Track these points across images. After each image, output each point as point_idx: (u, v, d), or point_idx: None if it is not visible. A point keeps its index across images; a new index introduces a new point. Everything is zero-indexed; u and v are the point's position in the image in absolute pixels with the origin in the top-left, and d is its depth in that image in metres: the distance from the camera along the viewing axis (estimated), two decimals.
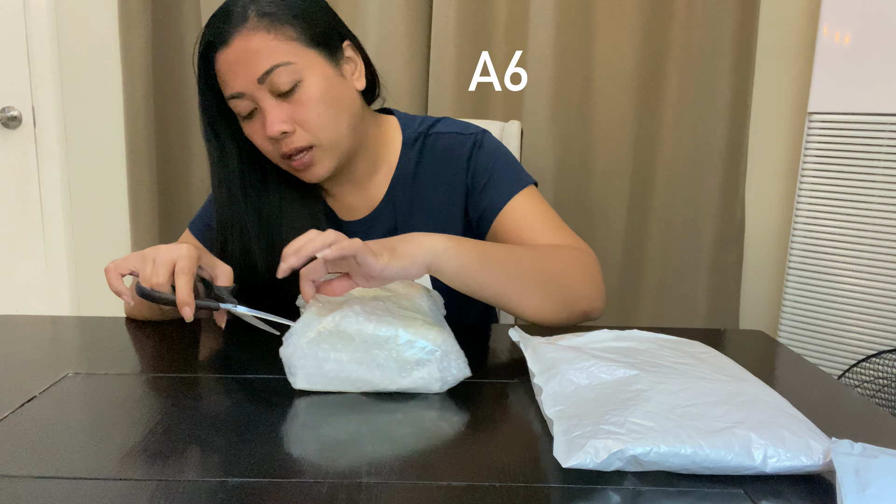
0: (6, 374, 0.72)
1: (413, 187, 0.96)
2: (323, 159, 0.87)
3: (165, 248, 0.77)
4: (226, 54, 0.83)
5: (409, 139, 0.97)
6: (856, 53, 1.50)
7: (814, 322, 1.63)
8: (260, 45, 0.82)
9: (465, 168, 0.94)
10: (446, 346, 0.68)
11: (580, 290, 0.83)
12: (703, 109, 1.67)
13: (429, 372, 0.67)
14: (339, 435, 0.59)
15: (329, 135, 0.86)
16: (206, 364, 0.77)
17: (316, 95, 0.84)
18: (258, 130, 0.86)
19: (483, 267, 0.76)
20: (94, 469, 0.53)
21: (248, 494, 0.50)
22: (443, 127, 0.98)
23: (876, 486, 0.46)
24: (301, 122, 0.84)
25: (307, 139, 0.85)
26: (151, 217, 1.86)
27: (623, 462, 0.52)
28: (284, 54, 0.82)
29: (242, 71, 0.82)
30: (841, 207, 1.57)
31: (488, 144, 0.95)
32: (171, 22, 1.82)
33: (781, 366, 0.82)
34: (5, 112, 1.94)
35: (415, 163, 0.96)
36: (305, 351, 0.67)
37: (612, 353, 0.69)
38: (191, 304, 0.74)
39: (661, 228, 1.75)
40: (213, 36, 0.84)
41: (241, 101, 0.85)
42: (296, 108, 0.84)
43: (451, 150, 0.95)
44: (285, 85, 0.82)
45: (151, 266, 0.76)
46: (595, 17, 1.67)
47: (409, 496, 0.50)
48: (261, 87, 0.83)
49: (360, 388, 0.68)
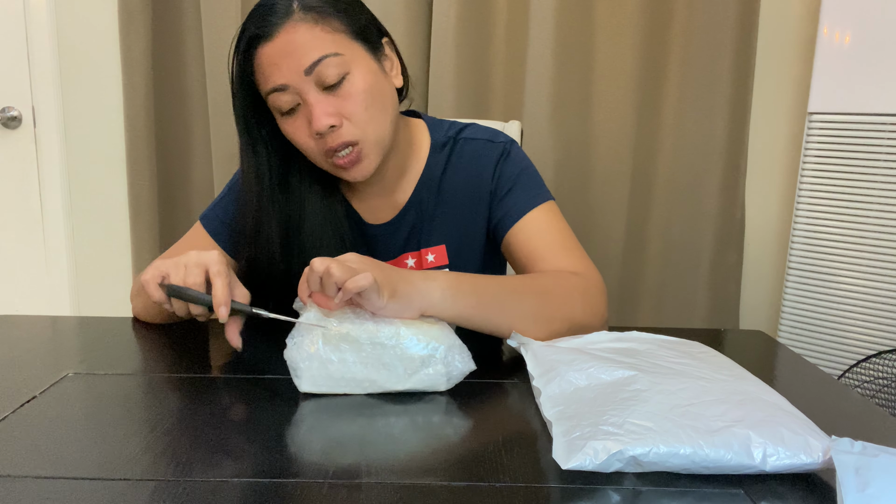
0: (6, 374, 0.72)
1: (439, 191, 0.96)
2: (369, 155, 0.85)
3: (196, 253, 0.76)
4: (269, 47, 0.81)
5: (438, 143, 0.97)
6: (856, 53, 1.50)
7: (814, 322, 1.63)
8: (307, 36, 0.80)
9: (492, 175, 0.94)
10: (449, 342, 0.68)
11: (581, 321, 0.82)
12: (703, 110, 1.67)
13: (435, 369, 0.67)
14: (340, 435, 0.59)
15: (375, 130, 0.85)
16: (207, 364, 0.77)
17: (364, 88, 0.82)
18: (300, 127, 0.84)
19: (480, 311, 0.76)
20: (94, 469, 0.53)
21: (248, 494, 0.50)
22: (472, 133, 0.98)
23: (876, 484, 0.46)
24: (348, 116, 0.82)
25: (354, 133, 0.83)
26: (151, 217, 1.86)
27: (622, 463, 0.51)
28: (332, 45, 0.81)
29: (287, 63, 0.80)
30: (841, 207, 1.57)
31: (516, 155, 0.96)
32: (171, 22, 1.82)
33: (781, 366, 0.82)
34: (5, 112, 1.94)
35: (442, 167, 0.96)
36: (310, 353, 0.67)
37: (611, 353, 0.70)
38: (227, 303, 0.73)
39: (661, 228, 1.75)
40: (257, 29, 0.81)
41: (283, 95, 0.82)
42: (342, 101, 0.82)
43: (479, 156, 0.95)
44: (333, 77, 0.81)
45: (184, 269, 0.75)
46: (595, 18, 1.67)
47: (409, 496, 0.50)
48: (307, 80, 0.81)
49: (367, 390, 0.68)
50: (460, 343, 0.70)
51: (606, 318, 0.86)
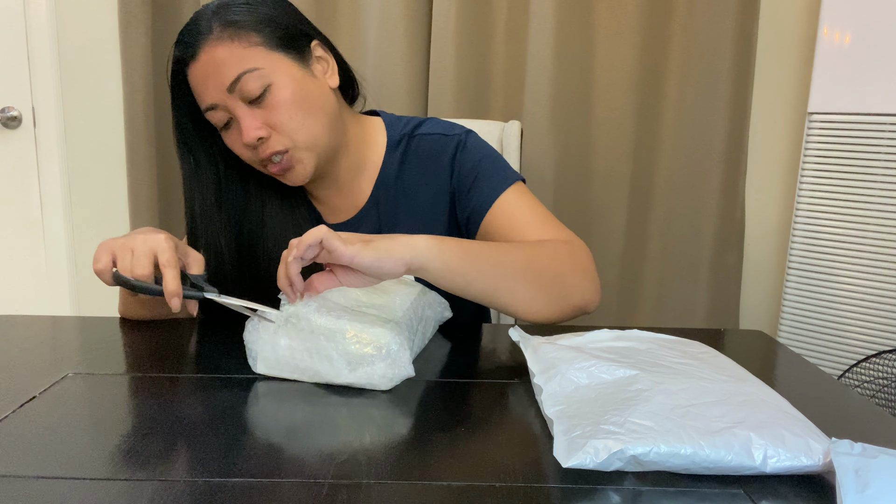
0: (6, 374, 0.72)
1: (397, 189, 0.96)
2: (301, 160, 0.87)
3: (143, 237, 0.76)
4: (195, 68, 0.84)
5: (393, 141, 0.97)
6: (856, 53, 1.50)
7: (814, 322, 1.63)
8: (225, 54, 0.82)
9: (450, 170, 0.94)
10: (393, 345, 0.68)
11: (572, 284, 0.82)
12: (703, 109, 1.67)
13: (374, 369, 0.68)
14: (340, 435, 0.59)
15: (304, 136, 0.86)
16: (207, 364, 0.77)
17: (286, 98, 0.84)
18: (237, 139, 0.87)
19: (468, 265, 0.74)
20: (94, 469, 0.53)
21: (248, 494, 0.50)
22: (427, 128, 0.97)
23: (875, 486, 0.46)
24: (275, 126, 0.84)
25: (283, 143, 0.85)
26: (151, 217, 1.86)
27: (623, 462, 0.52)
28: (250, 61, 0.83)
29: (212, 83, 0.83)
30: (841, 207, 1.57)
31: (472, 145, 0.95)
32: (171, 22, 1.82)
33: (781, 366, 0.82)
34: (5, 112, 1.94)
35: (399, 164, 0.96)
36: (263, 336, 0.70)
37: (612, 352, 0.69)
38: (180, 294, 0.74)
39: (661, 228, 1.75)
40: (181, 52, 0.85)
41: (216, 113, 0.85)
42: (268, 112, 0.84)
43: (434, 151, 0.95)
44: (255, 91, 0.83)
45: (131, 256, 0.75)
46: (595, 17, 1.67)
47: (409, 496, 0.50)
48: (232, 96, 0.83)
49: (311, 378, 0.70)
50: (405, 348, 0.69)
51: (598, 283, 0.85)
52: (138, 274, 0.74)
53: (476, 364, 0.71)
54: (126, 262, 0.75)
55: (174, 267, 0.75)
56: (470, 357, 0.78)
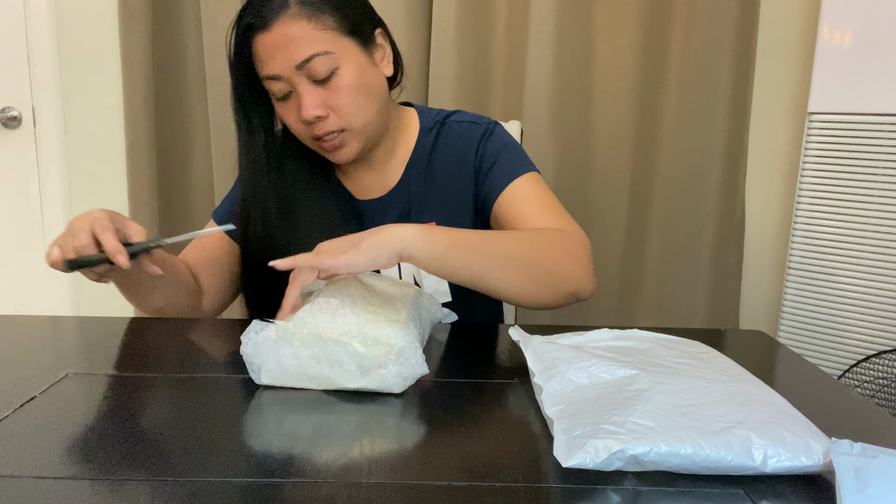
0: (6, 374, 0.72)
1: (427, 172, 1.00)
2: (351, 142, 0.91)
3: (78, 219, 0.78)
4: (265, 38, 0.85)
5: (426, 126, 1.02)
6: (856, 53, 1.50)
7: (814, 322, 1.63)
8: (300, 32, 0.84)
9: (475, 153, 0.98)
10: (404, 345, 0.67)
11: (563, 271, 0.83)
12: (703, 109, 1.67)
13: (388, 371, 0.66)
14: (340, 435, 0.59)
15: (359, 120, 0.90)
16: (207, 364, 0.77)
17: (350, 83, 0.87)
18: (292, 112, 0.90)
19: (456, 252, 0.76)
20: (93, 469, 0.53)
21: (248, 494, 0.50)
22: (458, 116, 1.03)
23: (875, 486, 0.46)
24: (334, 108, 0.88)
25: (338, 123, 0.89)
26: (151, 217, 1.86)
27: (623, 462, 0.52)
28: (323, 43, 0.85)
29: (281, 56, 0.85)
30: (841, 207, 1.57)
31: (498, 133, 1.00)
32: (171, 22, 1.82)
33: (781, 366, 0.82)
34: (5, 112, 1.94)
35: (430, 149, 1.00)
36: (263, 348, 0.68)
37: (612, 352, 0.69)
38: (122, 251, 0.75)
39: (661, 228, 1.75)
40: (253, 18, 0.86)
41: (277, 84, 0.88)
42: (330, 94, 0.87)
43: (463, 136, 1.00)
44: (322, 73, 0.86)
45: (70, 238, 0.76)
46: (595, 17, 1.67)
47: (409, 496, 0.50)
48: (298, 73, 0.86)
49: (320, 385, 0.68)
50: (416, 346, 0.69)
51: (593, 274, 0.86)
52: (78, 246, 0.75)
53: (476, 364, 0.71)
54: (68, 245, 0.76)
55: (108, 230, 0.75)
56: (470, 357, 0.78)
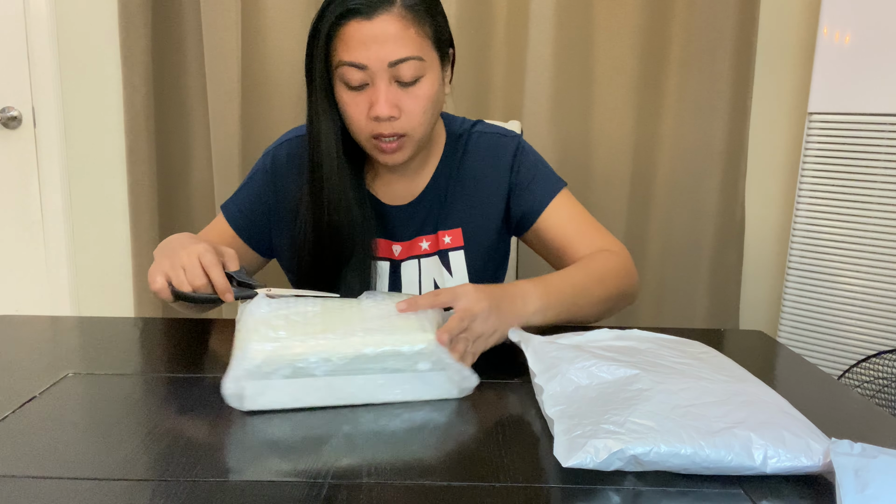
0: (6, 374, 0.72)
1: (455, 180, 1.02)
2: (408, 147, 0.92)
3: (185, 251, 0.79)
4: (364, 26, 0.84)
5: (453, 135, 1.04)
6: (856, 53, 1.50)
7: (814, 322, 1.63)
8: (402, 33, 0.85)
9: (510, 166, 1.02)
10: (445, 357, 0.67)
11: (626, 290, 0.97)
12: (703, 109, 1.67)
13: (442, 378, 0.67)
14: (340, 436, 0.59)
15: (423, 129, 0.92)
16: (207, 364, 0.77)
17: (429, 94, 0.90)
18: (360, 103, 0.88)
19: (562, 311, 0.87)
20: (94, 469, 0.53)
21: (248, 494, 0.50)
22: (484, 128, 1.06)
23: (875, 486, 0.46)
24: (407, 112, 0.89)
25: (404, 128, 0.89)
26: (151, 217, 1.86)
27: (623, 462, 0.52)
28: (418, 49, 0.87)
29: (376, 49, 0.85)
30: (841, 207, 1.57)
31: (528, 148, 1.06)
32: (171, 22, 1.82)
33: (781, 366, 0.82)
34: (5, 112, 1.94)
35: (459, 157, 1.03)
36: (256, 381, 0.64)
37: (612, 352, 0.69)
38: (230, 290, 0.77)
39: (661, 228, 1.75)
40: (355, 4, 0.84)
41: (358, 73, 0.86)
42: (408, 98, 0.88)
43: (495, 147, 1.04)
44: (409, 77, 0.87)
45: (183, 273, 0.77)
46: (595, 17, 1.67)
47: (409, 496, 0.50)
48: (386, 70, 0.86)
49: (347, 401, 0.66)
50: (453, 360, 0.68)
51: (639, 278, 1.01)
52: (197, 285, 0.77)
53: (476, 364, 0.71)
54: (181, 278, 0.77)
55: (217, 266, 0.78)
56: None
